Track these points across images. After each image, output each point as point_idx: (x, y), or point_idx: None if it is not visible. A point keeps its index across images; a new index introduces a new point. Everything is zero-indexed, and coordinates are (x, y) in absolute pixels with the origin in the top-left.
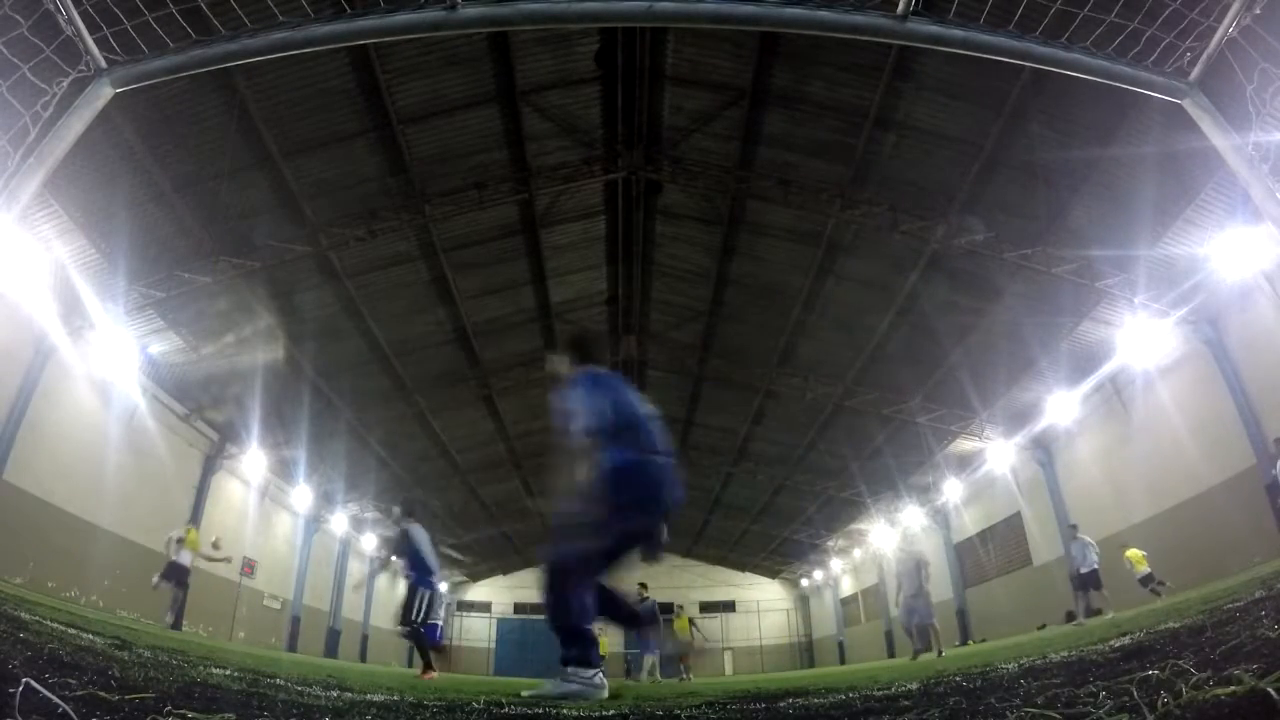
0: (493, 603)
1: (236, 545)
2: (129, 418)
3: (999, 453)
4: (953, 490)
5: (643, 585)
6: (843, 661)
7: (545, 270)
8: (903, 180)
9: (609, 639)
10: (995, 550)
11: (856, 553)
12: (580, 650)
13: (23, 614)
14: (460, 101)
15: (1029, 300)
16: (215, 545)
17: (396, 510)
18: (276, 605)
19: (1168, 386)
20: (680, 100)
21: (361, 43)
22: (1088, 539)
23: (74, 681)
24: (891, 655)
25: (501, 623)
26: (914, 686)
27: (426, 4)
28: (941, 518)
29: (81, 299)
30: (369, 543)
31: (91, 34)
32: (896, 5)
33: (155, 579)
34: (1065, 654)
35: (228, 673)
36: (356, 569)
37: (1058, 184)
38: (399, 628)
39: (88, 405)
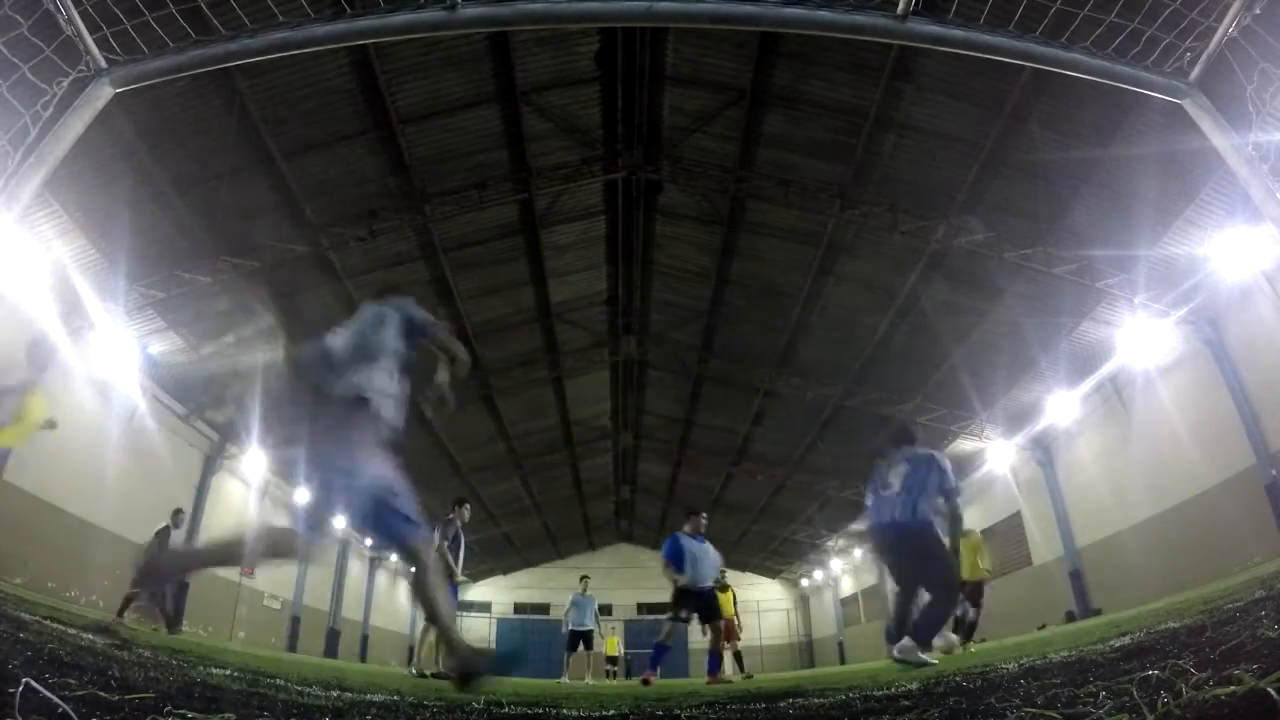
0: (492, 603)
1: None
2: (129, 418)
3: (999, 453)
4: None
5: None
6: (843, 661)
7: (545, 270)
8: (903, 180)
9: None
10: (995, 550)
11: (856, 553)
12: None
13: (23, 614)
14: (460, 101)
15: (1029, 300)
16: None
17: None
18: (276, 605)
19: (1168, 386)
20: (680, 100)
21: (361, 43)
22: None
23: (74, 681)
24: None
25: (501, 623)
26: (914, 686)
27: (426, 4)
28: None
29: (81, 299)
30: (369, 542)
31: (91, 34)
32: (896, 5)
33: None
34: (1065, 654)
35: (228, 673)
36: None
37: (1058, 184)
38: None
39: (88, 405)
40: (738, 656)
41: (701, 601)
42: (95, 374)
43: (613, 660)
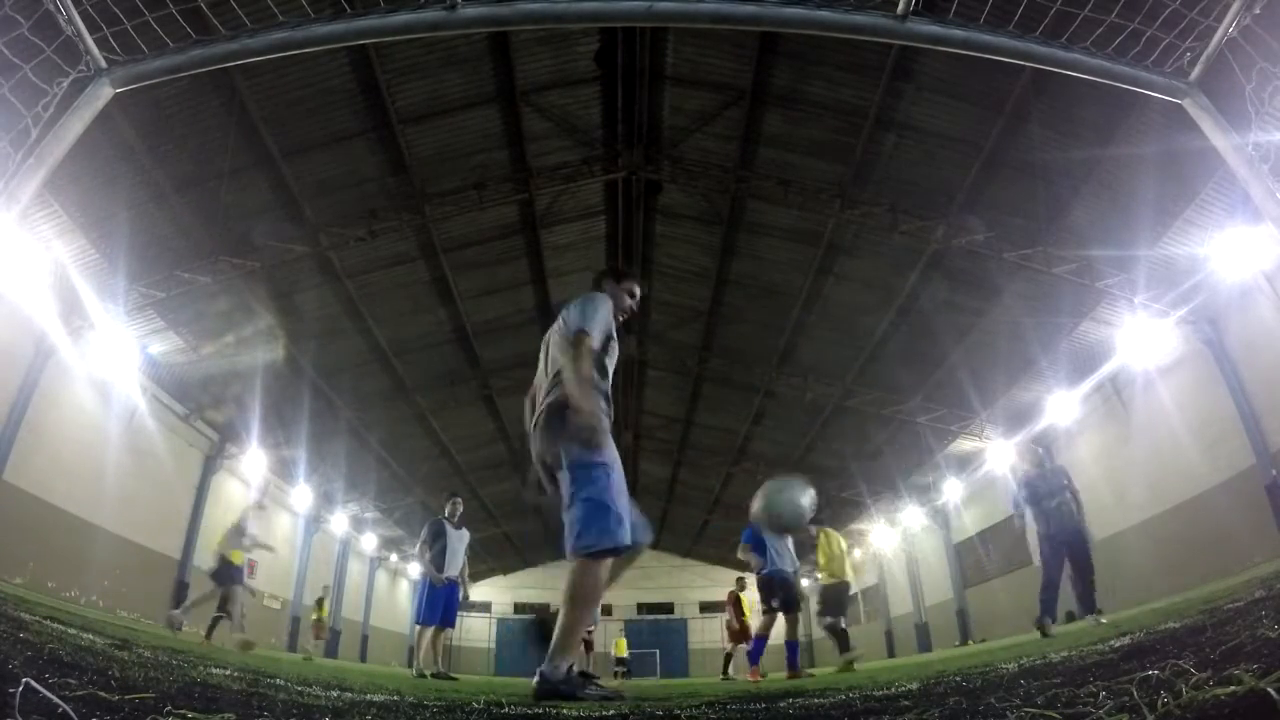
0: (493, 603)
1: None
2: (129, 418)
3: (999, 453)
4: (953, 490)
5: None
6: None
7: (545, 270)
8: (903, 180)
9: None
10: (995, 550)
11: (856, 553)
12: None
13: (23, 614)
14: (460, 101)
15: (1029, 300)
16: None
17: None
18: (276, 605)
19: (1168, 386)
20: (680, 100)
21: (361, 43)
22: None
23: (74, 681)
24: (891, 655)
25: (501, 623)
26: (914, 686)
27: (426, 4)
28: (941, 518)
29: (81, 299)
30: (369, 542)
31: (91, 34)
32: (896, 5)
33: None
34: (1065, 654)
35: (228, 673)
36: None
37: (1058, 184)
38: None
39: (88, 405)
40: (728, 658)
41: (786, 588)
42: (95, 374)
43: (621, 661)
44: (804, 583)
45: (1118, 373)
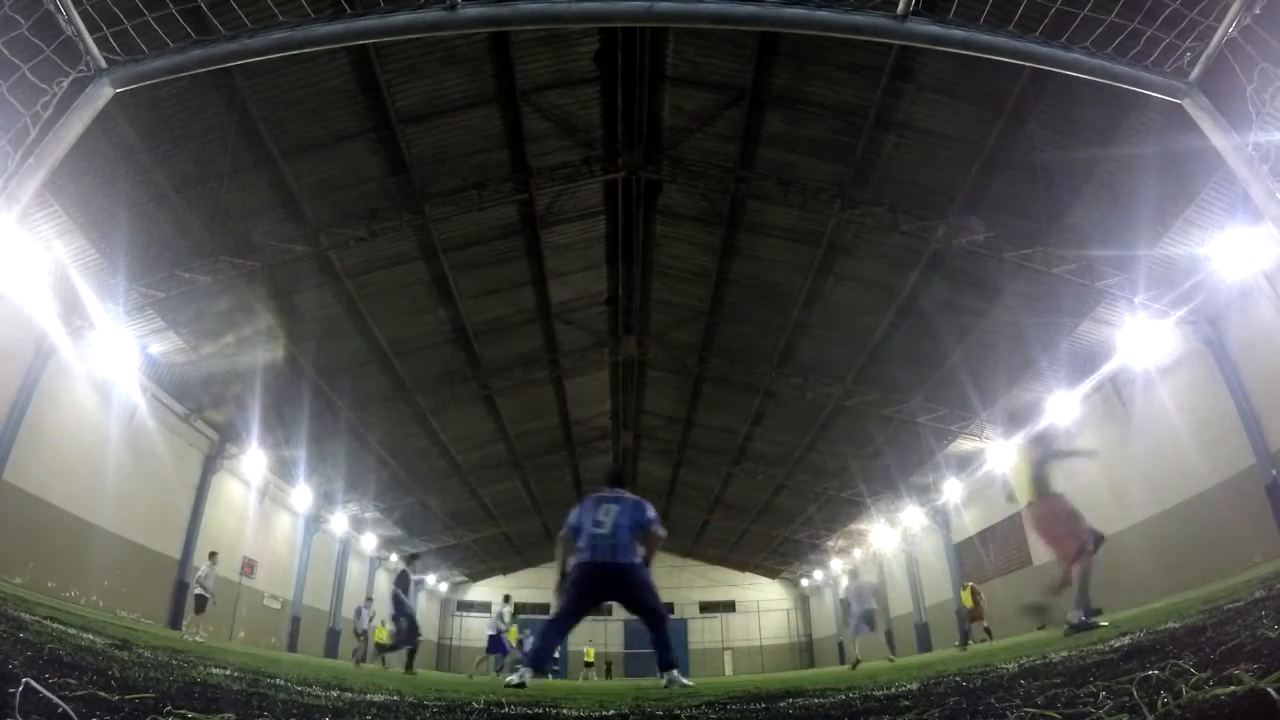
0: (493, 603)
1: (236, 545)
2: (129, 418)
3: (999, 453)
4: (953, 490)
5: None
6: (842, 661)
7: (545, 270)
8: (903, 180)
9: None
10: (995, 550)
11: (856, 553)
12: None
13: (23, 614)
14: (460, 101)
15: (1029, 300)
16: None
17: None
18: (276, 605)
19: (1167, 386)
20: (680, 100)
21: (361, 43)
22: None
23: (74, 681)
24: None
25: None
26: (914, 686)
27: (426, 4)
28: (941, 518)
29: (81, 299)
30: (369, 542)
31: (91, 34)
32: (896, 5)
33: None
34: (1065, 654)
35: (228, 673)
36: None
37: (1058, 184)
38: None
39: (88, 405)
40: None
41: None
42: (95, 374)
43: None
44: None
45: (1118, 373)
